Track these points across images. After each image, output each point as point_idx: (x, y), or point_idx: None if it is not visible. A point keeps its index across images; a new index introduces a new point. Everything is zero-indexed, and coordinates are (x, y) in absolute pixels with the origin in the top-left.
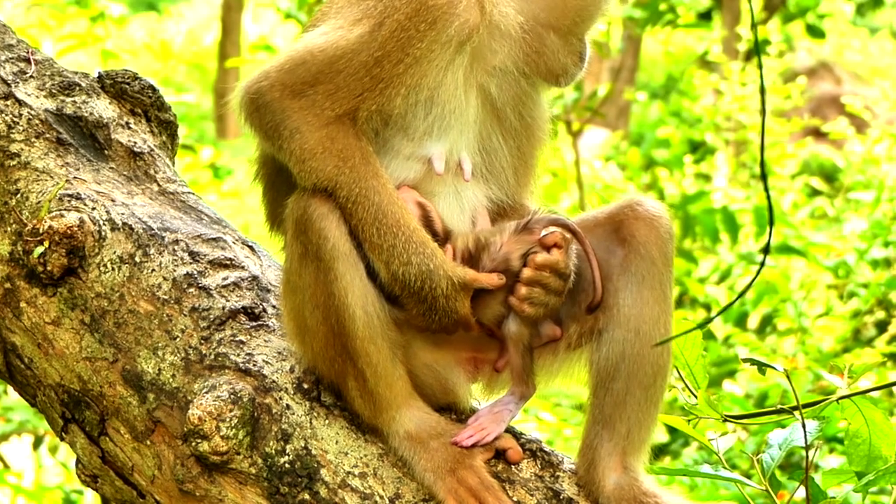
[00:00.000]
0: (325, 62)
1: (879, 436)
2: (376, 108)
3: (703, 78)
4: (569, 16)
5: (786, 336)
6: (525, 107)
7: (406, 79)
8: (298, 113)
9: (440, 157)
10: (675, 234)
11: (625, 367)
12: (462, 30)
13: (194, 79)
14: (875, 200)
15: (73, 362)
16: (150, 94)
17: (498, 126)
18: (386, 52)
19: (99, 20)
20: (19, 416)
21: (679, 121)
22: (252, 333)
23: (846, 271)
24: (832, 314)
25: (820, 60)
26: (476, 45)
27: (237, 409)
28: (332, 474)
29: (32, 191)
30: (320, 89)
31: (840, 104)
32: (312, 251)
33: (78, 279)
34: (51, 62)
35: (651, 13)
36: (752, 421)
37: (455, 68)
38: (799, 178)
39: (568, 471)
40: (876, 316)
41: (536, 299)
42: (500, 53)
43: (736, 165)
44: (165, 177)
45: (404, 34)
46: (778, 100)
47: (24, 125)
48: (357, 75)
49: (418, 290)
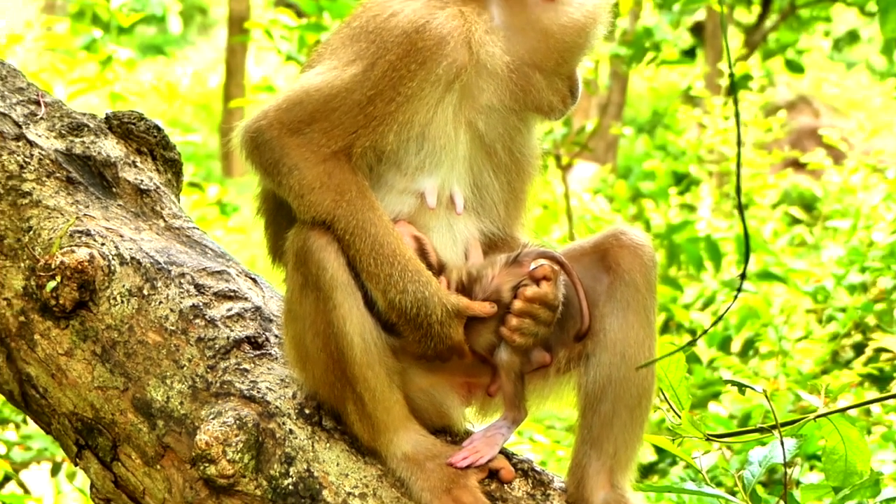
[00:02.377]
0: (320, 101)
1: (855, 452)
2: (370, 144)
3: (687, 112)
4: (552, 56)
5: (768, 359)
6: (514, 143)
7: (398, 116)
8: (296, 150)
9: (432, 192)
10: (657, 261)
11: (611, 389)
12: (450, 69)
13: (201, 119)
14: (852, 228)
15: (86, 391)
16: (155, 133)
17: (488, 162)
18: (378, 90)
19: (108, 64)
20: (38, 444)
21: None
22: (256, 362)
23: (824, 296)
24: (811, 337)
25: (799, 94)
26: (465, 84)
27: (242, 434)
28: (333, 495)
29: (44, 228)
30: (316, 127)
31: (818, 136)
32: (312, 281)
33: (89, 312)
34: (60, 104)
35: (636, 51)
36: (734, 440)
37: (445, 106)
38: (779, 208)
39: (558, 489)
40: (853, 339)
41: (526, 330)
42: (488, 92)
43: (719, 196)
44: (171, 213)
45: (395, 74)
46: (759, 132)
47: (35, 165)
48: (351, 113)
49: (414, 317)
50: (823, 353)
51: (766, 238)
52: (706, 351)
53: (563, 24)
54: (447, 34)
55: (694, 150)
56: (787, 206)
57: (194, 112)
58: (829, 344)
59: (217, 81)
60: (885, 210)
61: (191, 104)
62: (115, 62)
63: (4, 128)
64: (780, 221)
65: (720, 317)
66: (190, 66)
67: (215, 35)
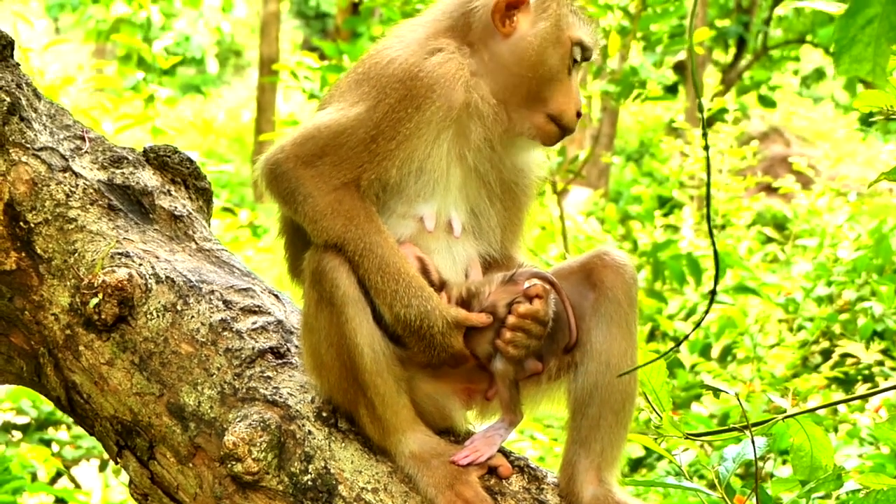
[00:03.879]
0: (330, 137)
1: (820, 449)
2: (375, 176)
3: (670, 143)
4: (523, 86)
5: (744, 364)
6: (505, 174)
7: (399, 153)
8: (310, 181)
9: (430, 217)
10: (637, 279)
11: (598, 395)
12: (442, 110)
13: (234, 151)
14: (819, 246)
15: (125, 397)
16: (188, 165)
17: (483, 190)
18: (380, 130)
19: (151, 102)
20: (87, 443)
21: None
22: (278, 370)
23: (795, 307)
24: (783, 344)
25: (771, 126)
26: (458, 123)
27: (266, 435)
28: (348, 490)
29: (88, 250)
30: (327, 160)
31: (789, 163)
32: (326, 298)
33: (128, 325)
34: (102, 139)
35: (624, 87)
36: (711, 438)
37: (441, 143)
38: (753, 228)
39: (551, 484)
40: (821, 345)
41: (519, 342)
42: (476, 131)
43: (699, 217)
44: (202, 236)
45: (395, 115)
46: (735, 160)
47: (80, 194)
48: (357, 149)
49: (417, 329)
50: (794, 359)
51: (742, 255)
52: (689, 357)
53: (521, 54)
54: (439, 78)
55: (676, 177)
56: (760, 226)
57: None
58: (799, 350)
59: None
60: (848, 230)
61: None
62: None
63: (53, 161)
64: (754, 240)
65: (695, 327)
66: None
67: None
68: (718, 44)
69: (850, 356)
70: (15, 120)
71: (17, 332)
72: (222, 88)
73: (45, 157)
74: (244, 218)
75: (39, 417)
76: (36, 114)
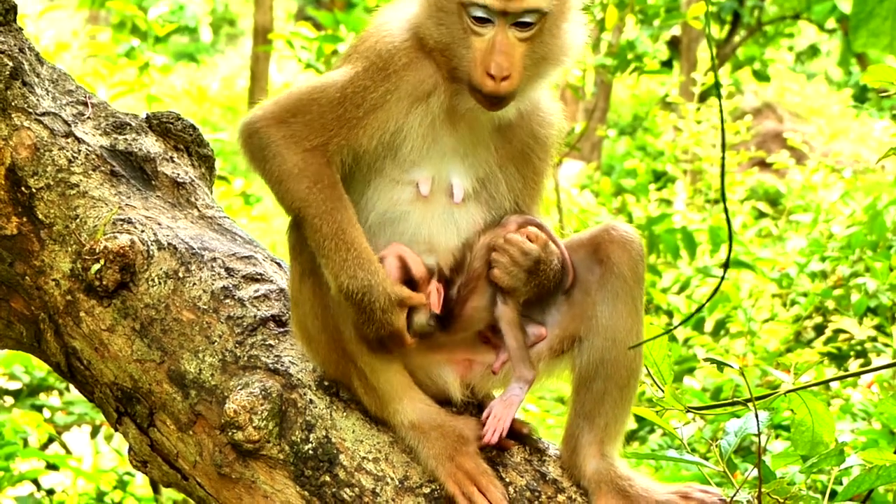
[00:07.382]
0: (305, 93)
1: (821, 424)
2: (345, 143)
3: (664, 117)
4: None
5: (737, 338)
6: (516, 139)
7: (366, 122)
8: (281, 140)
9: (426, 182)
10: (643, 255)
11: (603, 370)
12: (410, 86)
13: (228, 119)
14: (812, 222)
15: (126, 364)
16: (190, 132)
17: (490, 156)
18: (346, 95)
19: (145, 70)
20: (79, 409)
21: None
22: (280, 338)
23: (788, 282)
24: (777, 319)
25: (764, 101)
26: (431, 97)
27: (267, 404)
28: (349, 459)
29: (90, 216)
30: (300, 119)
31: (782, 139)
32: (308, 269)
33: (129, 292)
34: (105, 105)
35: (620, 61)
36: (711, 412)
37: (414, 115)
38: (747, 203)
39: (553, 456)
40: (814, 321)
41: (504, 267)
42: (451, 103)
43: (693, 192)
44: (204, 203)
45: (361, 83)
46: (728, 135)
47: (82, 160)
48: (326, 110)
49: (359, 301)
50: (787, 334)
51: (736, 230)
52: (682, 331)
53: (427, 31)
54: (416, 56)
55: (670, 151)
56: (754, 201)
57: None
58: (792, 325)
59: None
60: (842, 206)
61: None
62: (152, 68)
63: (55, 126)
64: (748, 215)
65: (702, 306)
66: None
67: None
68: (713, 19)
69: (844, 332)
70: (17, 84)
71: (17, 297)
72: (216, 57)
73: (47, 122)
74: (238, 186)
75: (31, 383)
76: (38, 78)
